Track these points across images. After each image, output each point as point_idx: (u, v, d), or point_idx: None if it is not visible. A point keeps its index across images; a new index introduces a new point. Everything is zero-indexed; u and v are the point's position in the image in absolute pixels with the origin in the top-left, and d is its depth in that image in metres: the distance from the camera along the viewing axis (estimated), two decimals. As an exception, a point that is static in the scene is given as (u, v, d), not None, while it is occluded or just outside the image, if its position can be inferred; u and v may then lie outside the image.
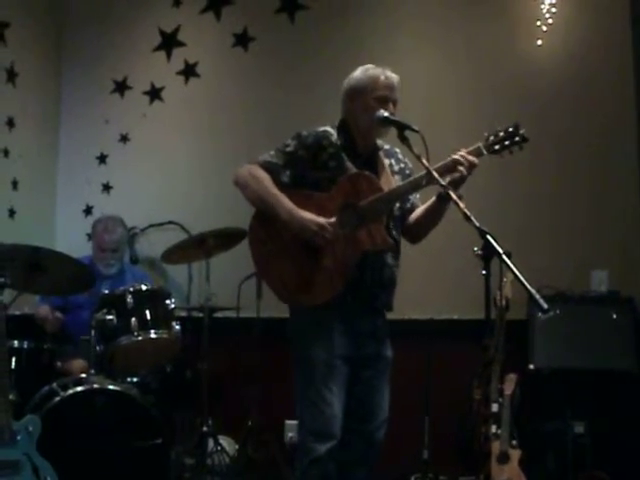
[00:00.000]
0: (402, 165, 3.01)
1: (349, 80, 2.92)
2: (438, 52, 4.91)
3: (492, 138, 2.70)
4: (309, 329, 2.84)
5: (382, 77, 2.85)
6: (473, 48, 4.80)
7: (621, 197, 4.53)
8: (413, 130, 2.70)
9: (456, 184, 2.69)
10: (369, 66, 2.90)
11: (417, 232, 2.99)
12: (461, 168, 2.67)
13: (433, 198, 2.84)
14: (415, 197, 3.00)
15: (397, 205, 2.91)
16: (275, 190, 2.82)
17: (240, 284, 4.53)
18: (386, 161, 2.96)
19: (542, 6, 4.68)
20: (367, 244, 2.78)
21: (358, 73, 2.90)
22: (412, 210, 2.98)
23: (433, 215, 2.87)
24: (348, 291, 2.77)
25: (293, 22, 5.10)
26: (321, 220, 2.74)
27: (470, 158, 2.68)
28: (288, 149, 2.87)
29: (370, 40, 4.91)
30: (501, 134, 2.69)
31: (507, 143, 2.68)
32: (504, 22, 4.78)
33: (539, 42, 4.68)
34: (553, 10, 4.66)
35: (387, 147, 3.02)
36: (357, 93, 2.87)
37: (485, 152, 2.70)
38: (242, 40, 5.17)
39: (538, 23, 4.68)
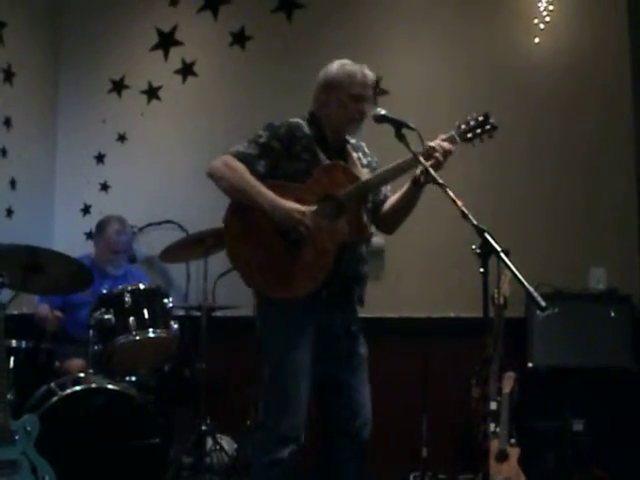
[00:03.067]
0: (369, 159, 3.02)
1: (325, 73, 2.91)
2: (435, 51, 4.91)
3: (464, 126, 2.77)
4: (281, 325, 2.78)
5: (359, 74, 2.86)
6: (470, 46, 4.80)
7: (618, 194, 4.54)
8: (410, 128, 2.70)
9: (433, 170, 2.71)
10: (346, 61, 2.90)
11: (393, 221, 2.98)
12: (437, 155, 2.70)
13: (407, 185, 2.85)
14: (386, 188, 3.00)
15: (369, 198, 2.90)
16: (254, 180, 2.77)
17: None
18: (354, 154, 2.95)
19: (539, 4, 4.68)
20: (346, 235, 2.76)
21: (335, 67, 2.89)
22: (385, 201, 2.98)
23: (409, 202, 2.88)
24: (324, 285, 2.73)
25: (290, 21, 5.10)
26: (303, 208, 2.72)
27: (445, 145, 2.72)
28: (261, 140, 2.83)
29: (367, 39, 4.92)
30: (472, 123, 2.76)
31: (479, 131, 2.75)
32: (501, 20, 4.79)
33: (536, 40, 4.68)
34: (550, 8, 4.66)
35: (353, 141, 3.01)
36: (332, 87, 2.87)
37: (458, 140, 2.76)
38: (239, 39, 5.17)
39: (535, 21, 4.68)
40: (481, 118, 2.76)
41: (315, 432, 2.88)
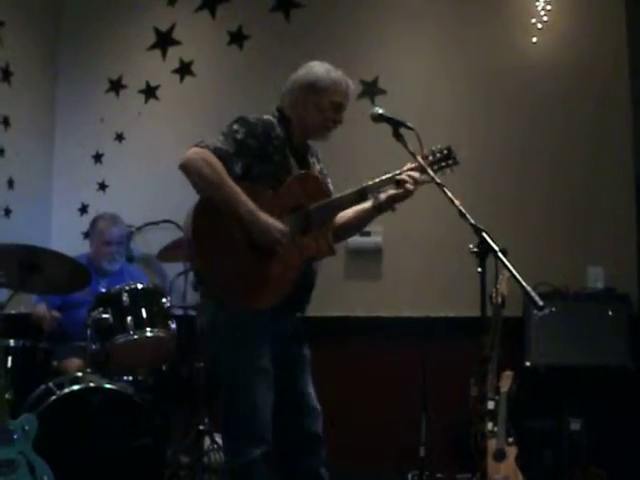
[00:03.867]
0: (321, 165, 2.99)
1: (309, 74, 2.84)
2: (433, 50, 4.91)
3: (431, 158, 2.77)
4: (239, 331, 2.70)
5: (344, 84, 2.83)
6: (468, 46, 4.81)
7: (616, 193, 4.54)
8: (408, 127, 2.70)
9: (399, 199, 2.76)
10: (330, 67, 2.86)
11: (339, 237, 2.93)
12: (408, 186, 2.72)
13: (366, 205, 2.83)
14: None
15: None
16: (232, 183, 2.62)
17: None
18: (310, 159, 2.92)
19: (537, 3, 4.68)
20: (313, 251, 2.74)
21: (321, 71, 2.84)
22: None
23: (362, 223, 2.89)
24: (284, 297, 2.69)
25: (288, 20, 5.10)
26: (283, 227, 2.65)
27: (415, 175, 2.71)
28: (238, 136, 2.70)
29: (365, 38, 4.92)
30: (438, 155, 2.78)
31: (443, 164, 2.78)
32: (499, 20, 4.79)
33: (534, 39, 4.69)
34: (548, 7, 4.67)
35: (310, 143, 2.97)
36: (315, 90, 2.81)
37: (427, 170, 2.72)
38: (237, 38, 5.17)
39: (533, 21, 4.69)
40: (445, 152, 2.78)
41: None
